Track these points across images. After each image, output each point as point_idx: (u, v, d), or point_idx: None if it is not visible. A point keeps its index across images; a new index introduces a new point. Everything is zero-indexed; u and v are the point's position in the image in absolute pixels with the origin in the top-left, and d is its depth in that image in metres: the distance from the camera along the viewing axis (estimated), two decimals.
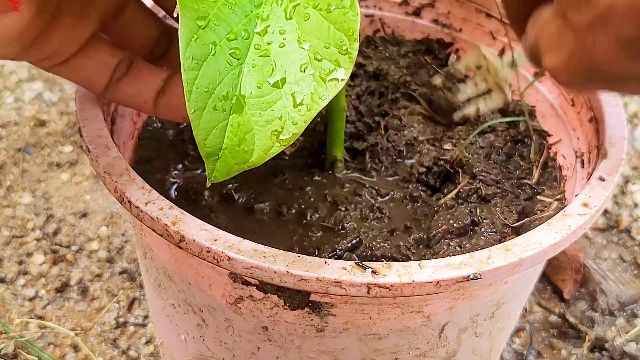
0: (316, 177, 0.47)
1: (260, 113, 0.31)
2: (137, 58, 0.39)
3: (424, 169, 0.48)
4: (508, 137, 0.51)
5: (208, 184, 0.32)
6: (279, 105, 0.31)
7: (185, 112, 0.31)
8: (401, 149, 0.49)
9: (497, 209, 0.46)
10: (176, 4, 0.30)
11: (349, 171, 0.49)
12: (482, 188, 0.46)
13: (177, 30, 0.33)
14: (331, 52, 0.32)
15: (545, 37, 0.31)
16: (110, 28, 0.39)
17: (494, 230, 0.44)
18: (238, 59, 0.31)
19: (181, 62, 0.30)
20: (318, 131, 0.50)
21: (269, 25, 0.32)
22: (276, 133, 0.31)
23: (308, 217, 0.44)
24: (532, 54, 0.34)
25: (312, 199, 0.46)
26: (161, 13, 0.46)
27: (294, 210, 0.45)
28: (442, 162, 0.48)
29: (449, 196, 0.46)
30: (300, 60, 0.32)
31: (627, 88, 0.30)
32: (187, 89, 0.30)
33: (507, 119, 0.51)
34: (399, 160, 0.49)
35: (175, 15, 0.31)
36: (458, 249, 0.43)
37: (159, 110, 0.39)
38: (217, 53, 0.31)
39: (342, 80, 0.32)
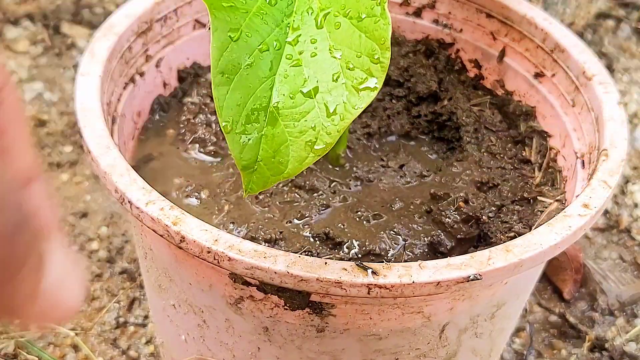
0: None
1: (293, 124, 0.31)
2: None
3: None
4: (509, 139, 0.51)
5: (245, 196, 0.32)
6: (312, 115, 0.31)
7: None
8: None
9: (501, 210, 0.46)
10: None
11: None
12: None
13: None
14: (363, 61, 0.32)
15: None
16: None
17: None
18: (270, 70, 0.31)
19: (211, 79, 0.30)
20: None
21: (300, 35, 0.32)
22: (310, 144, 0.31)
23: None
24: None
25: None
26: None
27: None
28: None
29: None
30: (332, 70, 0.32)
31: None
32: (217, 104, 0.30)
33: None
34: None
35: (207, 29, 0.31)
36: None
37: None
38: (250, 65, 0.31)
39: (375, 89, 0.32)
